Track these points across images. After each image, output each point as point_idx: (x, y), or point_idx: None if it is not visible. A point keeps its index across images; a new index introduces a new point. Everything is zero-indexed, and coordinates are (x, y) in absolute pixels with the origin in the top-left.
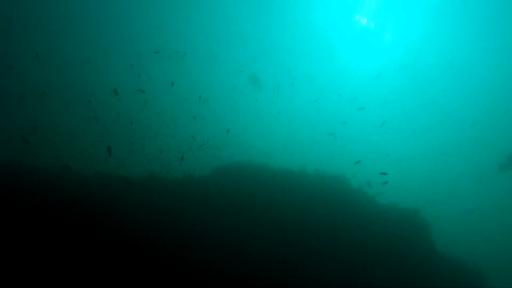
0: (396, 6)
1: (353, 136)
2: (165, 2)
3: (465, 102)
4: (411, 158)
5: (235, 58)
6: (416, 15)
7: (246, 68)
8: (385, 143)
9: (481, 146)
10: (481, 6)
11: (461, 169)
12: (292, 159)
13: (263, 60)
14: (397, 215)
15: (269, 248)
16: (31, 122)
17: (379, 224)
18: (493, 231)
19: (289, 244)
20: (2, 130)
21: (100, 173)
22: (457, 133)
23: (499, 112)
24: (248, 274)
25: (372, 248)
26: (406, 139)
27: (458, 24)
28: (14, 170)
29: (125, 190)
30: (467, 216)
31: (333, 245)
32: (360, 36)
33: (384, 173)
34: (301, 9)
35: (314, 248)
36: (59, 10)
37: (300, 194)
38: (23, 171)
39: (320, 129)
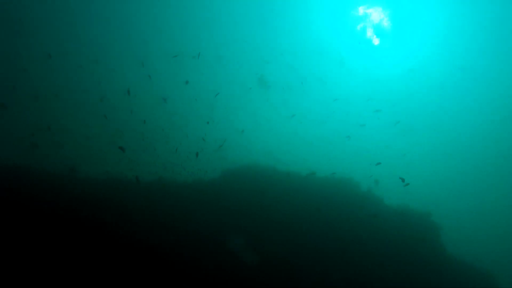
0: (404, 10)
1: (360, 136)
2: (174, 6)
3: (475, 103)
4: (422, 160)
5: (244, 60)
6: (424, 16)
7: (255, 70)
8: (395, 144)
9: (493, 146)
10: (491, 7)
11: (472, 170)
12: (303, 161)
13: (272, 62)
14: (407, 218)
15: (279, 251)
16: (40, 123)
17: (389, 227)
18: (506, 233)
19: (299, 247)
20: (10, 132)
21: (110, 173)
22: (468, 133)
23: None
24: (259, 276)
25: (382, 251)
26: (414, 140)
27: (466, 25)
28: (22, 172)
29: (136, 192)
30: (479, 217)
31: (343, 248)
32: (368, 39)
33: (403, 179)
34: (309, 11)
35: (323, 250)
36: (68, 11)
37: (310, 197)
38: (31, 173)
39: (332, 130)
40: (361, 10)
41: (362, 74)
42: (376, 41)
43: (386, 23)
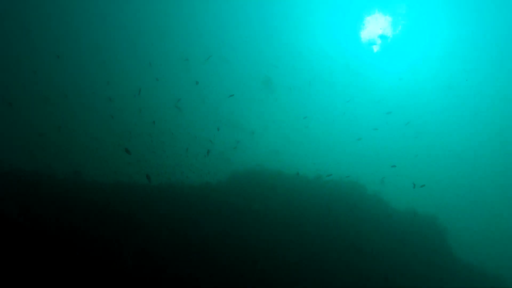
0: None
1: (371, 139)
2: (182, 9)
3: (486, 105)
4: (430, 162)
5: (251, 62)
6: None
7: (262, 72)
8: (404, 146)
9: (503, 148)
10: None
11: (480, 173)
12: (311, 164)
13: (280, 65)
14: (414, 221)
15: (286, 256)
16: (48, 124)
17: (395, 231)
18: None
19: (306, 251)
20: (17, 132)
21: (118, 174)
22: (477, 136)
23: None
24: (265, 278)
25: (388, 255)
26: (423, 142)
27: (473, 25)
28: (26, 174)
29: (143, 195)
30: (487, 220)
31: (350, 250)
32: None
33: (414, 184)
34: (318, 15)
35: (330, 253)
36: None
37: (317, 200)
38: (36, 175)
39: (342, 132)
40: (370, 15)
41: (370, 76)
42: (384, 44)
43: (394, 27)
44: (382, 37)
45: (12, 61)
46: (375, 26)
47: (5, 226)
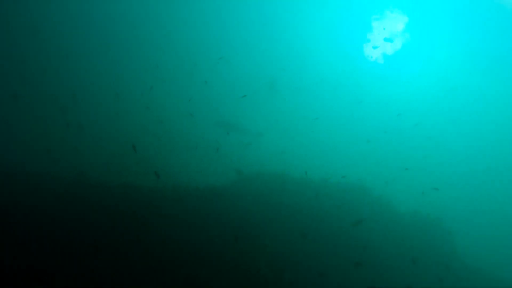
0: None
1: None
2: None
3: (493, 105)
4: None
5: (254, 63)
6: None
7: (267, 72)
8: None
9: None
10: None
11: (487, 173)
12: (318, 166)
13: (284, 65)
14: (418, 225)
15: (291, 259)
16: (54, 122)
17: (400, 235)
18: None
19: (311, 253)
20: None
21: (124, 175)
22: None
23: None
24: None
25: (393, 260)
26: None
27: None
28: (30, 176)
29: (150, 197)
30: (496, 222)
31: (353, 254)
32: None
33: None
34: (326, 14)
35: (334, 257)
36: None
37: (324, 203)
38: (40, 178)
39: (350, 134)
40: (376, 17)
41: (377, 78)
42: (392, 45)
43: (400, 30)
44: (388, 40)
45: (19, 59)
46: (381, 29)
47: (8, 226)
